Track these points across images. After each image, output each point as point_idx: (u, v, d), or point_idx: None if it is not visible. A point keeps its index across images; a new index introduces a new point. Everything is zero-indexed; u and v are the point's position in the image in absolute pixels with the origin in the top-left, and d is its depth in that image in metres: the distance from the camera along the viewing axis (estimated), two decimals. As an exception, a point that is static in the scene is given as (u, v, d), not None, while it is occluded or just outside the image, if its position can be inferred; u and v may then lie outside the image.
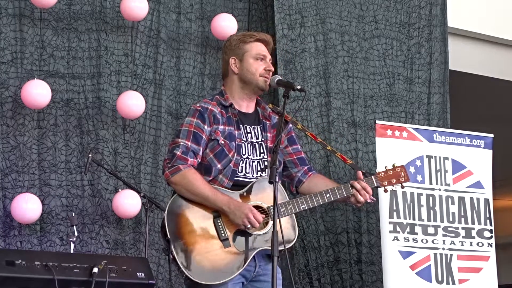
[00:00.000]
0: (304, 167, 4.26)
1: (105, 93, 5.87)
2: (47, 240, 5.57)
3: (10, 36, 5.71)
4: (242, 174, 4.05)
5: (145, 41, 6.06)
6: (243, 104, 4.15)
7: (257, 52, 4.13)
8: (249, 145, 4.09)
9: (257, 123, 4.15)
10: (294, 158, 4.25)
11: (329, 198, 4.07)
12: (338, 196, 4.08)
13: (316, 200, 4.04)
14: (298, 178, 4.24)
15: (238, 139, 4.05)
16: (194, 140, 4.00)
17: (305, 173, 4.26)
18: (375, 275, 6.25)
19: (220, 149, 4.02)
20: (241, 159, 4.05)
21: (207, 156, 4.03)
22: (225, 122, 4.06)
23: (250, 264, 3.96)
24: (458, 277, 5.86)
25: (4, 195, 5.54)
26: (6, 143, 5.60)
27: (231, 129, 4.06)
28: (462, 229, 5.99)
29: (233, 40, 4.21)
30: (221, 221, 3.94)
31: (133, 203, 5.63)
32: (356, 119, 6.52)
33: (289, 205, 4.01)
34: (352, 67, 6.60)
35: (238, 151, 4.04)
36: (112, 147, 5.84)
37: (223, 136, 4.03)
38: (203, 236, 3.92)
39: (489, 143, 6.22)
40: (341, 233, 6.30)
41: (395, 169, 4.23)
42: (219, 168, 4.01)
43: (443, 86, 6.87)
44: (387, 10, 6.77)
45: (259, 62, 4.13)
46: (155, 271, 5.73)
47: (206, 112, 4.05)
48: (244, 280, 4.00)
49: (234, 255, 3.92)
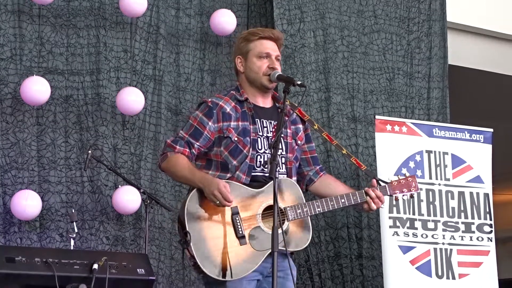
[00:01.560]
0: (316, 167, 4.31)
1: (105, 89, 5.87)
2: (47, 237, 5.57)
3: (9, 33, 5.71)
4: (260, 169, 4.06)
5: (145, 37, 6.05)
6: (258, 99, 4.16)
7: (260, 50, 4.13)
8: (265, 140, 4.09)
9: (275, 118, 4.13)
10: (309, 157, 4.28)
11: (344, 203, 4.14)
12: (353, 202, 4.16)
13: (332, 205, 4.11)
14: (309, 177, 4.28)
15: (253, 133, 4.06)
16: (192, 135, 4.04)
17: (317, 172, 4.30)
18: (375, 270, 6.26)
19: (234, 146, 4.03)
20: (258, 153, 4.06)
21: (222, 154, 4.04)
22: (239, 117, 4.07)
23: (267, 261, 3.96)
24: (458, 271, 5.86)
25: (4, 191, 5.53)
26: (5, 140, 5.60)
27: (246, 124, 4.07)
28: (462, 224, 5.99)
29: (239, 39, 4.24)
30: (239, 218, 3.95)
31: (132, 199, 5.62)
32: (356, 114, 6.52)
33: (305, 207, 4.06)
34: (352, 62, 6.59)
35: (254, 145, 4.05)
36: (111, 143, 5.84)
37: (237, 133, 4.04)
38: (221, 232, 3.93)
39: (488, 137, 6.22)
40: (342, 228, 6.30)
41: (407, 179, 4.31)
42: (235, 164, 4.02)
43: (443, 81, 6.87)
44: (386, 4, 6.77)
45: (263, 60, 4.12)
46: (155, 267, 5.73)
47: (215, 108, 4.06)
48: (261, 277, 4.02)
49: (249, 253, 3.93)
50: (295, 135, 4.20)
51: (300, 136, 4.23)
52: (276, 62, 4.15)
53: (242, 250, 3.92)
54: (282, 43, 4.24)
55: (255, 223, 3.97)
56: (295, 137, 4.19)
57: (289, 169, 4.14)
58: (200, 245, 3.89)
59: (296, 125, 4.25)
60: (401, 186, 4.29)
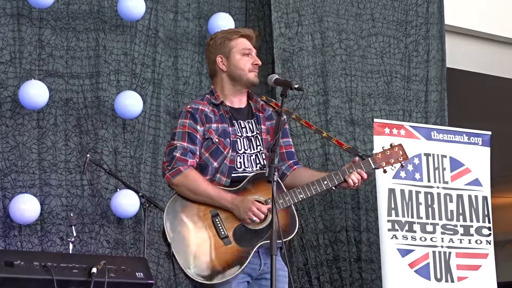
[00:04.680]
0: (290, 161, 4.24)
1: (104, 92, 5.88)
2: (47, 240, 5.57)
3: (9, 36, 5.71)
4: (242, 169, 4.07)
5: (144, 40, 6.06)
6: (235, 100, 4.17)
7: (243, 47, 4.15)
8: (245, 140, 4.11)
9: (251, 117, 4.17)
10: (283, 152, 4.23)
11: (327, 184, 4.04)
12: (336, 182, 4.04)
13: (314, 189, 4.02)
14: (282, 172, 4.21)
15: (232, 135, 4.08)
16: (189, 141, 4.03)
17: (290, 166, 4.23)
18: (374, 273, 6.26)
19: (215, 147, 4.05)
20: (238, 154, 4.07)
21: (203, 155, 4.06)
22: (217, 120, 4.09)
23: (255, 262, 3.98)
24: (457, 274, 5.87)
25: (3, 195, 5.54)
26: (5, 143, 5.60)
27: (225, 126, 4.09)
28: (461, 227, 6.00)
29: (217, 39, 4.21)
30: (219, 219, 3.96)
31: (131, 203, 5.62)
32: (354, 117, 6.53)
33: (287, 196, 4.01)
34: (350, 65, 6.60)
35: (234, 147, 4.06)
36: (112, 146, 5.85)
37: (217, 134, 4.06)
38: (203, 236, 3.94)
39: (487, 140, 6.23)
40: (340, 231, 6.30)
41: (393, 148, 4.18)
42: (215, 166, 4.04)
43: (441, 84, 6.88)
44: (384, 8, 6.78)
45: (246, 57, 4.15)
46: (154, 271, 5.73)
47: (197, 112, 4.08)
48: (250, 279, 4.01)
49: (235, 252, 3.93)
50: (269, 131, 4.18)
51: None
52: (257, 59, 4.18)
53: (227, 250, 3.93)
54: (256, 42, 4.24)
55: (237, 221, 3.98)
56: (270, 132, 4.17)
57: None
58: (185, 253, 3.91)
59: (271, 121, 4.21)
60: (387, 157, 4.14)
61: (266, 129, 4.17)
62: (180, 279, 5.87)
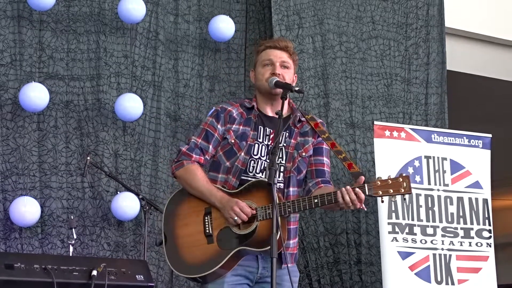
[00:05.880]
0: (318, 179, 4.19)
1: (105, 94, 5.88)
2: (48, 243, 5.57)
3: (9, 38, 5.72)
4: (252, 174, 4.08)
5: (144, 43, 6.06)
6: (268, 108, 4.18)
7: (263, 59, 4.17)
8: (264, 147, 4.11)
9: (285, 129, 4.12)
10: (313, 169, 4.20)
11: (317, 204, 3.96)
12: (326, 202, 3.96)
13: (303, 205, 3.95)
14: (308, 188, 4.19)
15: (251, 139, 4.10)
16: (204, 138, 4.12)
17: (316, 183, 4.17)
18: (374, 276, 6.26)
19: (230, 148, 4.10)
20: (252, 158, 4.09)
21: (218, 153, 4.12)
22: (241, 122, 4.13)
23: (252, 266, 4.01)
24: (457, 277, 5.87)
25: (4, 197, 5.54)
26: (6, 146, 5.61)
27: (247, 129, 4.12)
28: (461, 229, 6.00)
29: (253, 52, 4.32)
30: (209, 218, 4.02)
31: (131, 205, 5.63)
32: (354, 120, 6.53)
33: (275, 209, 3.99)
34: (350, 68, 6.61)
35: (248, 150, 4.08)
36: (112, 148, 5.85)
37: (235, 136, 4.10)
38: (191, 231, 4.03)
39: (487, 143, 6.23)
40: (341, 234, 6.30)
41: (397, 179, 3.98)
42: (227, 166, 4.08)
43: (441, 87, 6.88)
44: (384, 10, 6.79)
45: (266, 68, 4.16)
46: (154, 273, 5.73)
47: (223, 112, 4.15)
48: (249, 282, 4.03)
49: (214, 251, 3.98)
50: (300, 147, 4.17)
51: (307, 148, 4.16)
52: (280, 68, 4.14)
53: (208, 248, 3.99)
54: (291, 51, 4.20)
55: (225, 223, 4.00)
56: (300, 148, 4.16)
57: (287, 178, 4.11)
58: (172, 245, 4.03)
59: (306, 137, 4.19)
60: (387, 187, 3.95)
61: (296, 143, 4.16)
62: (181, 281, 5.87)
